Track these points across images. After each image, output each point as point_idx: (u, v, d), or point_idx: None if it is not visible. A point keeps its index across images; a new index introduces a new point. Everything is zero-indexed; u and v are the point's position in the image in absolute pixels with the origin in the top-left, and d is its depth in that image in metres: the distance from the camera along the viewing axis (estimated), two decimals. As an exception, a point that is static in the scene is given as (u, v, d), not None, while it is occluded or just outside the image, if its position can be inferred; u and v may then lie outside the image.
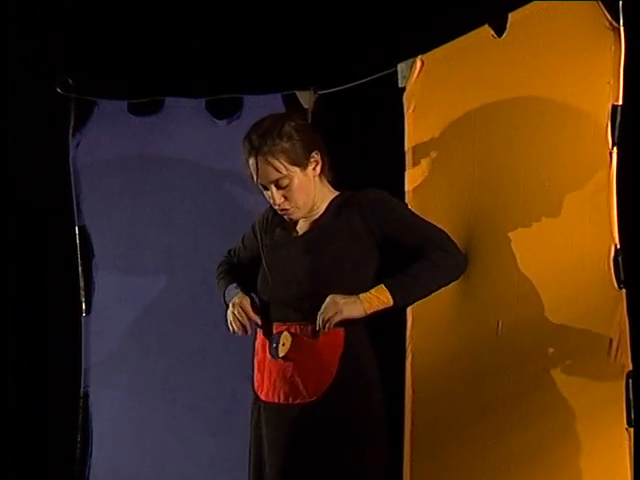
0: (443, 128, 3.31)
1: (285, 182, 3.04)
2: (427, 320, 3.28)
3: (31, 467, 4.25)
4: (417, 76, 3.37)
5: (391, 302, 2.99)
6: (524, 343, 3.14)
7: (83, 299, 3.96)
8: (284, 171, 3.03)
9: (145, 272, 3.95)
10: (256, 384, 3.15)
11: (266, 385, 3.10)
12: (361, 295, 2.98)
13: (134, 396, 3.93)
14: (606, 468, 3.04)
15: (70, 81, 3.89)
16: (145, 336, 3.93)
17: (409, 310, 3.30)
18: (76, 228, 3.96)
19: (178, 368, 3.88)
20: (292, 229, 3.17)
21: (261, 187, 3.10)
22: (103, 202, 3.99)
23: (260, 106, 3.79)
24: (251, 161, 3.06)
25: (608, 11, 3.04)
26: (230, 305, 3.17)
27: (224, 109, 3.89)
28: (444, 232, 3.07)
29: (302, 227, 3.16)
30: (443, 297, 3.26)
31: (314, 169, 3.10)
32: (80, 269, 3.96)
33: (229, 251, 3.39)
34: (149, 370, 3.92)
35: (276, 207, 3.10)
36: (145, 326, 3.94)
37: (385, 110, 3.47)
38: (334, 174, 3.19)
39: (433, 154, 3.33)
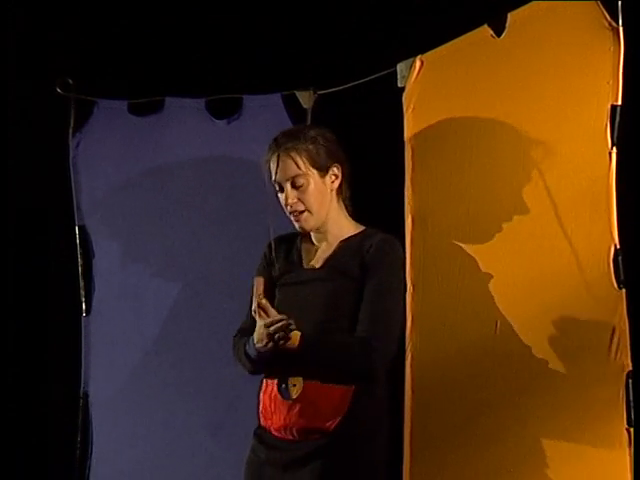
0: (442, 127, 3.31)
1: (301, 181, 3.07)
2: (427, 320, 3.28)
3: (31, 467, 4.25)
4: (416, 76, 3.37)
5: (295, 345, 2.98)
6: (523, 343, 3.15)
7: (83, 299, 3.95)
8: (303, 169, 3.07)
9: (145, 272, 3.95)
10: (263, 418, 3.15)
11: (276, 421, 3.10)
12: None
13: (134, 396, 3.92)
14: (606, 468, 3.05)
15: (70, 81, 3.89)
16: (145, 336, 3.93)
17: (408, 310, 3.30)
18: (76, 228, 3.96)
19: (178, 368, 3.87)
20: (303, 262, 3.18)
21: (277, 188, 3.11)
22: (103, 202, 3.98)
23: (260, 106, 3.79)
24: (273, 157, 3.11)
25: (607, 11, 3.05)
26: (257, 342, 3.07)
27: (224, 109, 3.89)
28: (390, 330, 3.06)
29: (313, 262, 3.18)
30: (443, 297, 3.27)
31: (332, 182, 3.13)
32: (80, 269, 3.95)
33: (237, 332, 3.31)
34: (149, 370, 3.92)
35: (288, 208, 3.11)
36: (145, 326, 3.93)
37: (384, 110, 3.47)
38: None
39: (432, 153, 3.33)
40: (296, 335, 2.99)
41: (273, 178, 3.11)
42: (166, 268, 3.93)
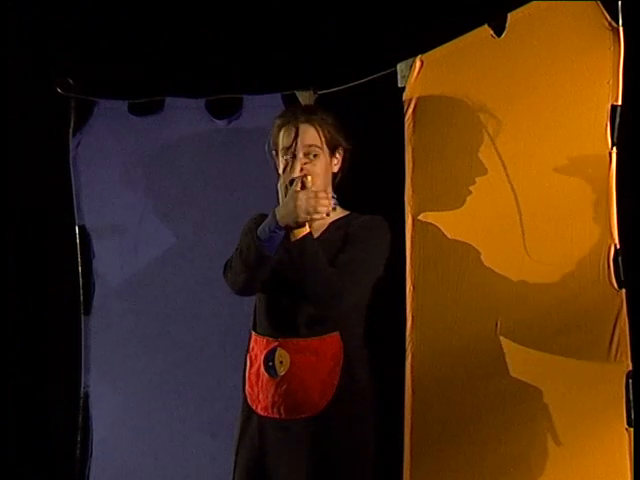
0: (442, 127, 3.32)
1: (314, 154, 3.11)
2: (427, 320, 3.28)
3: (31, 467, 4.25)
4: (416, 76, 3.37)
5: (302, 234, 2.99)
6: (523, 343, 3.15)
7: (83, 299, 3.96)
8: (322, 142, 3.12)
9: (145, 272, 3.95)
10: (249, 398, 3.16)
11: (262, 400, 3.11)
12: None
13: (134, 396, 3.92)
14: (606, 468, 3.06)
15: (70, 81, 3.89)
16: (145, 336, 3.93)
17: (408, 310, 3.31)
18: (76, 228, 3.96)
19: (178, 368, 3.88)
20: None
21: (285, 159, 3.10)
22: (103, 202, 3.98)
23: (260, 106, 3.79)
24: (288, 126, 3.12)
25: (607, 11, 3.05)
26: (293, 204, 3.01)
27: (224, 109, 3.89)
28: (356, 279, 3.05)
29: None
30: (443, 297, 3.27)
31: (335, 165, 3.19)
32: (80, 269, 3.96)
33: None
34: (149, 370, 3.92)
35: (292, 175, 3.11)
36: (145, 326, 3.94)
37: (385, 110, 3.48)
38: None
39: (432, 153, 3.34)
40: (306, 228, 3.00)
41: (289, 145, 3.11)
42: (166, 268, 3.94)
